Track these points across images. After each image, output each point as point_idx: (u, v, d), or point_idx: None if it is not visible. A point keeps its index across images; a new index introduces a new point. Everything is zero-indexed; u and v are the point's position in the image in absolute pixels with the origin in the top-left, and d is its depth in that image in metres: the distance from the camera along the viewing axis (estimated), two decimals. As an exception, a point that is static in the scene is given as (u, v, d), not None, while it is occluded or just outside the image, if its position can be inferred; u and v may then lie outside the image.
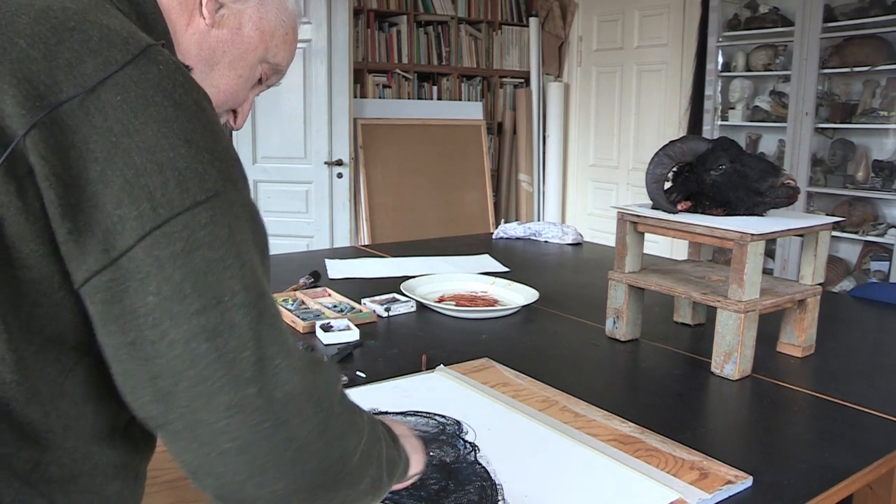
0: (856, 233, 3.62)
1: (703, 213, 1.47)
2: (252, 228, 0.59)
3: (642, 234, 1.54)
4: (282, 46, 0.82)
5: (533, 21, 5.24)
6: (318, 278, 1.99)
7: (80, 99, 0.54)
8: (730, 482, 0.93)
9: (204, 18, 0.75)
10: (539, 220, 5.29)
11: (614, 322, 1.55)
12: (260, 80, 0.83)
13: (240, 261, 0.56)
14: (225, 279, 0.54)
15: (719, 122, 4.20)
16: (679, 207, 1.47)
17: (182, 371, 0.53)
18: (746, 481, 0.94)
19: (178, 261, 0.53)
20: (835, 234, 3.53)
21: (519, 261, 2.39)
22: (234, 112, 0.85)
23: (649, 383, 1.35)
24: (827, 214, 3.66)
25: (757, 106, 4.06)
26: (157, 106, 0.56)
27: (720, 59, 4.16)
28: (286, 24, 0.82)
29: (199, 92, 0.60)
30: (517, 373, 1.30)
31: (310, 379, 0.58)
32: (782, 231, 1.39)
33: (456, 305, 1.75)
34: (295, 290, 1.85)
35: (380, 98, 4.61)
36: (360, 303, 1.74)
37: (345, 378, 1.27)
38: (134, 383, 0.55)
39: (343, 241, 4.12)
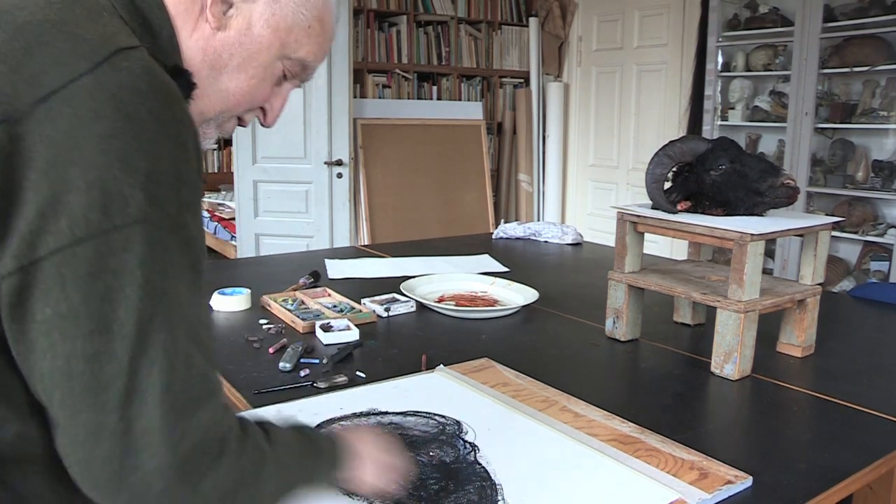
0: (855, 233, 3.62)
1: (702, 213, 1.47)
2: (178, 254, 0.61)
3: (642, 234, 1.54)
4: (305, 41, 0.78)
5: (533, 21, 5.24)
6: (317, 278, 1.99)
7: (33, 108, 0.56)
8: (730, 482, 0.93)
9: (209, 23, 0.74)
10: (539, 220, 5.29)
11: (614, 322, 1.55)
12: (286, 77, 0.80)
13: (141, 292, 0.58)
14: (120, 309, 0.57)
15: (719, 122, 4.20)
16: (679, 207, 1.47)
17: (59, 382, 0.57)
18: (746, 481, 0.94)
19: (80, 283, 0.56)
20: (835, 234, 3.53)
21: (519, 261, 2.39)
22: (263, 109, 0.83)
23: (649, 383, 1.35)
24: (827, 214, 3.66)
25: (757, 106, 4.06)
26: (105, 119, 0.57)
27: (720, 59, 4.16)
28: (308, 15, 0.77)
29: (160, 100, 0.60)
30: (517, 373, 1.30)
31: (177, 418, 0.59)
32: (782, 231, 1.39)
33: (456, 305, 1.75)
34: (295, 290, 1.85)
35: (380, 98, 4.62)
36: (359, 303, 1.74)
37: (344, 378, 1.27)
38: (28, 374, 0.59)
39: (343, 241, 4.12)
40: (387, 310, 1.69)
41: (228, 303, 1.69)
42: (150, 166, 0.58)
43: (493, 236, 2.82)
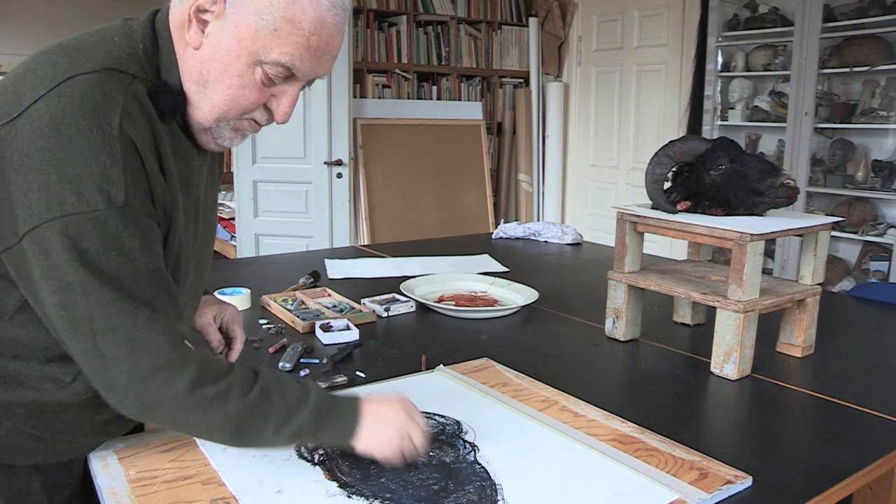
0: (855, 233, 3.62)
1: (702, 213, 1.47)
2: (107, 235, 0.77)
3: (642, 234, 1.54)
4: (274, 43, 0.81)
5: (532, 21, 5.24)
6: (317, 278, 1.99)
7: (10, 125, 0.76)
8: (729, 482, 0.93)
9: (189, 44, 0.84)
10: (538, 220, 5.29)
11: (614, 322, 1.55)
12: (272, 80, 0.84)
13: (77, 263, 0.77)
14: (69, 275, 0.77)
15: (719, 122, 4.20)
16: (679, 207, 1.47)
17: (55, 322, 0.80)
18: (746, 481, 0.94)
19: (40, 256, 0.77)
20: (834, 234, 3.53)
21: (519, 261, 2.39)
22: (269, 109, 0.88)
23: (649, 383, 1.35)
24: (826, 214, 3.66)
25: (756, 106, 4.06)
26: (46, 137, 0.75)
27: (720, 60, 4.16)
28: (271, 19, 0.80)
29: (88, 119, 0.75)
30: (517, 373, 1.30)
31: (126, 349, 0.80)
32: (782, 231, 1.39)
33: (456, 305, 1.75)
34: (295, 290, 1.85)
35: (379, 98, 4.61)
36: (359, 303, 1.74)
37: (344, 378, 1.27)
38: (43, 316, 0.82)
39: (342, 241, 4.12)
40: (387, 310, 1.69)
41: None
42: (78, 171, 0.75)
43: (493, 236, 2.82)
